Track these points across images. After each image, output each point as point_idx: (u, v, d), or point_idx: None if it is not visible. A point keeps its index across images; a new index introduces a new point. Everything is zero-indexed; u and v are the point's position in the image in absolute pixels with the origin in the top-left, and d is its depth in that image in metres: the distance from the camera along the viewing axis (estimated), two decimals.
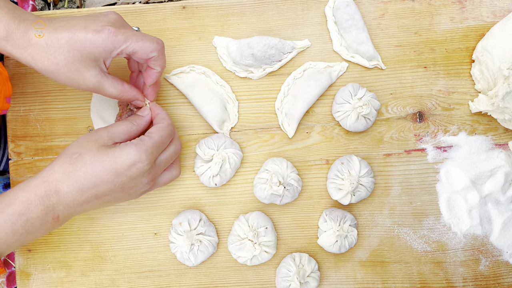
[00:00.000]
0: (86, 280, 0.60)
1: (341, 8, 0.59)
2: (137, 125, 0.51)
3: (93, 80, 0.48)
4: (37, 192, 0.45)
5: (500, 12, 0.61)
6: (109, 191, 0.47)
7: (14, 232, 0.45)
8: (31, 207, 0.45)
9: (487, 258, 0.60)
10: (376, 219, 0.60)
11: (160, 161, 0.51)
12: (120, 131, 0.49)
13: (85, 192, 0.46)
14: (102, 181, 0.46)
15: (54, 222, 0.46)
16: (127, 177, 0.47)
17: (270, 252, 0.57)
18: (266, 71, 0.60)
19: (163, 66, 0.51)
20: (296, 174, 0.58)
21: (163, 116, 0.52)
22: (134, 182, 0.48)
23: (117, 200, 0.49)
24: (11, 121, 0.60)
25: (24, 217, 0.45)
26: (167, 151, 0.52)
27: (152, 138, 0.48)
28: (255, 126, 0.60)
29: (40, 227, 0.46)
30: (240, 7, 0.61)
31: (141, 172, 0.47)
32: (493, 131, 0.61)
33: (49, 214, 0.45)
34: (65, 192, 0.45)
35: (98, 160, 0.46)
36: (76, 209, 0.47)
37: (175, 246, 0.57)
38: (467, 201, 0.59)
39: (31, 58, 0.46)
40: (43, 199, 0.45)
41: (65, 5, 0.78)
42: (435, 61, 0.61)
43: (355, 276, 0.60)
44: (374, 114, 0.58)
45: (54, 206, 0.45)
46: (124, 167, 0.46)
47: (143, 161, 0.47)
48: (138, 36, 0.48)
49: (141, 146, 0.47)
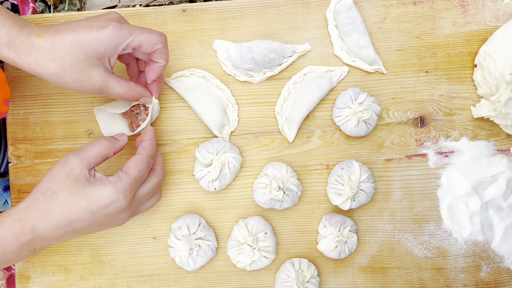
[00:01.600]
0: (85, 284, 0.60)
1: (342, 12, 0.59)
2: (110, 147, 0.49)
3: (99, 79, 0.48)
4: (12, 229, 0.45)
5: (503, 17, 0.60)
6: (85, 228, 0.47)
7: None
8: (7, 243, 0.45)
9: (488, 265, 0.60)
10: (376, 225, 0.60)
11: (140, 195, 0.49)
12: (92, 155, 0.47)
13: (61, 229, 0.46)
14: (78, 219, 0.46)
15: (31, 253, 0.46)
16: (103, 215, 0.46)
17: (270, 257, 0.57)
18: (266, 75, 0.60)
19: (167, 59, 0.51)
20: (296, 179, 0.58)
21: (145, 145, 0.51)
22: (111, 219, 0.47)
23: (95, 231, 0.49)
24: (11, 124, 0.60)
25: (0, 252, 0.45)
26: (148, 183, 0.50)
27: (130, 175, 0.47)
28: (255, 130, 0.60)
29: (16, 258, 0.46)
30: (241, 10, 0.60)
31: (119, 210, 0.47)
32: (495, 136, 0.60)
33: (25, 248, 0.45)
34: (41, 229, 0.45)
35: (74, 200, 0.45)
36: (52, 242, 0.47)
37: (174, 250, 0.57)
38: (469, 207, 0.59)
39: (35, 62, 0.46)
40: (18, 236, 0.45)
41: (66, 8, 0.78)
42: (437, 66, 0.60)
43: (355, 282, 0.60)
44: (375, 119, 0.58)
45: (30, 241, 0.45)
46: (101, 207, 0.45)
47: (120, 201, 0.46)
48: (141, 29, 0.48)
49: (118, 185, 0.46)
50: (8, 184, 0.68)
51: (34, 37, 0.45)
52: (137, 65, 0.56)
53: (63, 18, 0.60)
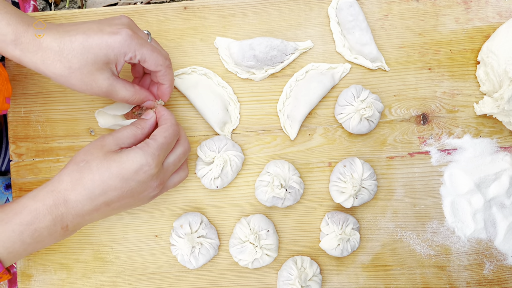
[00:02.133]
0: (87, 282, 0.60)
1: (344, 9, 0.58)
2: (142, 129, 0.50)
3: (106, 83, 0.47)
4: (45, 202, 0.45)
5: (506, 13, 0.60)
6: (118, 198, 0.46)
7: (22, 241, 0.44)
8: (40, 217, 0.44)
9: (491, 263, 0.59)
10: (379, 223, 0.60)
11: (168, 164, 0.50)
12: (125, 135, 0.49)
13: (94, 200, 0.45)
14: (110, 187, 0.45)
15: (63, 231, 0.46)
16: (135, 182, 0.46)
17: (272, 255, 0.57)
18: (268, 72, 0.59)
19: (170, 81, 0.52)
20: (298, 177, 0.57)
21: (166, 116, 0.51)
22: (143, 187, 0.47)
23: (127, 207, 0.49)
24: (12, 122, 0.60)
25: (32, 227, 0.44)
26: (175, 153, 0.51)
27: (157, 140, 0.48)
28: (257, 128, 0.60)
29: (49, 236, 0.45)
30: (242, 7, 0.60)
31: (149, 176, 0.47)
32: (498, 133, 0.60)
33: (58, 224, 0.45)
34: (73, 201, 0.45)
35: (105, 167, 0.45)
36: (85, 218, 0.46)
37: (176, 248, 0.57)
38: (471, 204, 0.59)
39: (41, 62, 0.45)
40: (52, 209, 0.45)
41: (66, 5, 0.78)
42: (439, 63, 0.60)
43: (357, 280, 0.60)
44: (377, 116, 0.57)
45: (63, 215, 0.45)
46: (131, 172, 0.46)
47: (150, 164, 0.46)
48: (152, 46, 0.49)
49: (146, 149, 0.46)
50: (9, 183, 0.68)
51: (42, 38, 0.45)
52: (143, 67, 0.56)
53: (64, 16, 0.60)
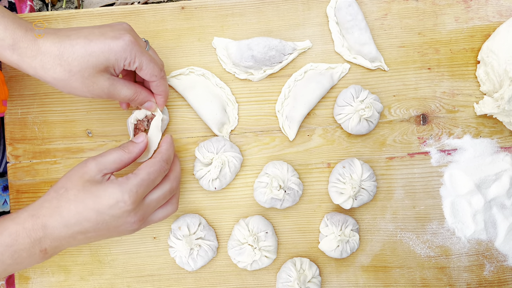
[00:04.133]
0: (85, 284, 0.59)
1: (343, 8, 0.58)
2: (129, 153, 0.49)
3: (107, 83, 0.47)
4: (25, 225, 0.45)
5: (506, 12, 0.59)
6: (93, 229, 0.46)
7: (2, 262, 0.45)
8: (19, 239, 0.45)
9: (492, 264, 0.59)
10: (378, 224, 0.59)
11: (150, 200, 0.48)
12: (109, 160, 0.47)
13: (70, 228, 0.45)
14: (85, 218, 0.45)
15: (43, 254, 0.46)
16: (109, 216, 0.45)
17: (271, 257, 0.57)
18: (267, 72, 0.59)
19: (165, 91, 0.52)
20: (297, 178, 0.57)
21: (161, 150, 0.50)
22: (118, 222, 0.46)
23: (106, 237, 0.48)
24: (9, 124, 0.60)
25: (12, 249, 0.45)
26: (160, 189, 0.49)
27: (138, 176, 0.46)
28: (255, 128, 0.60)
29: (28, 258, 0.46)
30: (240, 7, 0.60)
31: (125, 212, 0.45)
32: (498, 134, 0.59)
33: (36, 247, 0.45)
34: (51, 227, 0.45)
35: (81, 198, 0.45)
36: (63, 243, 0.46)
37: (174, 250, 0.57)
38: (472, 205, 0.58)
39: (40, 66, 0.45)
40: (30, 232, 0.45)
41: (63, 6, 0.77)
42: (439, 62, 0.60)
43: (357, 281, 0.59)
44: (377, 117, 0.57)
45: (41, 239, 0.45)
46: (106, 206, 0.45)
47: (125, 201, 0.45)
48: (150, 56, 0.49)
49: (124, 185, 0.45)
50: (7, 184, 0.67)
51: (41, 41, 0.45)
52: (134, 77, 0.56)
53: (61, 16, 0.60)
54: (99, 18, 0.60)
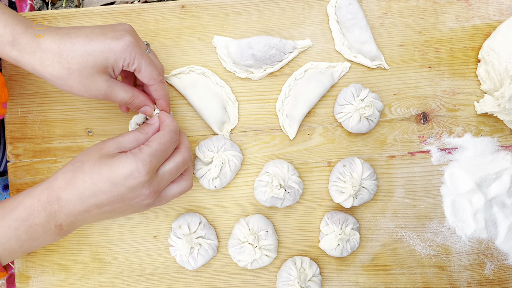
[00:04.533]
0: (86, 283, 0.59)
1: (344, 7, 0.58)
2: (145, 133, 0.49)
3: (105, 85, 0.47)
4: (40, 198, 0.45)
5: (507, 11, 0.59)
6: (108, 201, 0.46)
7: (17, 237, 0.44)
8: (34, 213, 0.44)
9: (492, 262, 0.59)
10: (379, 222, 0.59)
11: (163, 172, 0.48)
12: (127, 140, 0.48)
13: (85, 201, 0.45)
14: (100, 190, 0.45)
15: (58, 230, 0.46)
16: (124, 187, 0.45)
17: (271, 255, 0.57)
18: (267, 71, 0.59)
19: (165, 95, 0.52)
20: (297, 177, 0.57)
21: (166, 122, 0.50)
22: (133, 193, 0.46)
23: (121, 212, 0.48)
24: (9, 123, 0.60)
25: (27, 223, 0.44)
26: (172, 161, 0.49)
27: (150, 146, 0.46)
28: (256, 127, 0.59)
29: (43, 234, 0.45)
30: (240, 6, 0.60)
31: (139, 183, 0.45)
32: (499, 132, 0.59)
33: (51, 222, 0.45)
34: (65, 199, 0.45)
35: (97, 169, 0.45)
36: (78, 218, 0.46)
37: (175, 249, 0.57)
38: (472, 204, 0.58)
39: (39, 63, 0.45)
40: (45, 205, 0.45)
41: (63, 5, 0.77)
42: (440, 61, 0.59)
43: (357, 280, 0.59)
44: (377, 116, 0.57)
45: (56, 213, 0.45)
46: (121, 177, 0.45)
47: (139, 171, 0.45)
48: (150, 59, 0.49)
49: (138, 155, 0.45)
50: (7, 183, 0.67)
51: (41, 38, 0.45)
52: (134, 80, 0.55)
53: (61, 15, 0.60)
54: (99, 17, 0.60)
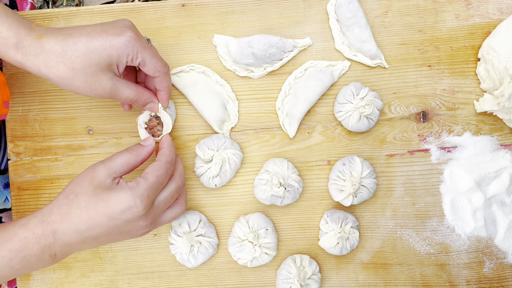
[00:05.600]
0: (86, 281, 0.60)
1: (344, 6, 0.58)
2: (136, 156, 0.49)
3: (110, 83, 0.47)
4: (34, 231, 0.45)
5: (507, 9, 0.59)
6: (104, 234, 0.46)
7: (10, 267, 0.45)
8: (29, 245, 0.45)
9: (492, 261, 0.59)
10: (378, 221, 0.59)
11: (159, 202, 0.48)
12: (118, 164, 0.48)
13: (81, 234, 0.45)
14: (97, 224, 0.45)
15: (52, 259, 0.46)
16: (121, 221, 0.45)
17: (271, 253, 0.57)
18: (267, 70, 0.59)
19: (168, 87, 0.52)
20: (297, 175, 0.57)
21: (164, 152, 0.50)
22: (130, 226, 0.46)
23: (116, 240, 0.48)
24: (9, 121, 0.60)
25: (21, 254, 0.45)
26: (167, 190, 0.49)
27: (148, 180, 0.46)
28: (256, 126, 0.60)
29: (37, 263, 0.46)
30: (241, 4, 0.60)
31: (137, 217, 0.46)
32: (498, 131, 0.59)
33: (46, 253, 0.45)
34: (61, 233, 0.45)
35: (93, 203, 0.45)
36: (73, 247, 0.47)
37: (175, 247, 0.57)
38: (472, 202, 0.58)
39: (44, 64, 0.45)
40: (40, 238, 0.45)
41: (64, 3, 0.77)
42: (439, 60, 0.60)
43: (356, 278, 0.59)
44: (377, 114, 0.57)
45: (51, 245, 0.45)
46: (118, 212, 0.45)
47: (137, 206, 0.45)
48: (153, 51, 0.49)
49: (135, 190, 0.45)
50: (8, 182, 0.68)
51: (44, 40, 0.45)
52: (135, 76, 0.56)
53: (62, 14, 0.60)
54: (99, 16, 0.60)
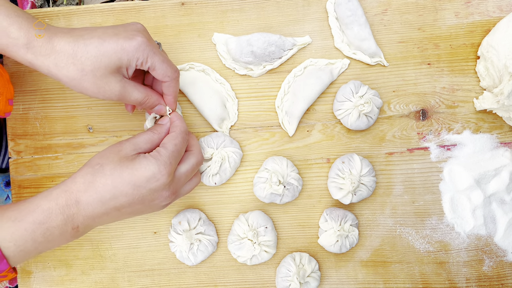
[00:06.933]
0: (86, 279, 0.60)
1: (343, 4, 0.58)
2: (158, 133, 0.50)
3: (119, 85, 0.47)
4: (58, 201, 0.45)
5: (507, 7, 0.59)
6: (128, 204, 0.46)
7: (33, 240, 0.45)
8: (52, 216, 0.44)
9: (491, 259, 0.59)
10: (377, 219, 0.59)
11: (180, 174, 0.49)
12: (142, 140, 0.49)
13: (105, 203, 0.45)
14: (121, 193, 0.45)
15: (74, 232, 0.46)
16: (146, 189, 0.46)
17: (270, 251, 0.57)
18: (266, 68, 0.59)
19: (175, 92, 0.52)
20: (297, 173, 0.57)
21: (176, 123, 0.51)
22: (154, 195, 0.47)
23: (138, 213, 0.48)
24: (10, 119, 0.60)
25: (44, 226, 0.44)
26: (188, 163, 0.50)
27: (167, 149, 0.47)
28: (255, 124, 0.60)
29: (60, 236, 0.46)
30: (240, 3, 0.60)
31: (161, 185, 0.46)
32: (498, 129, 0.59)
33: (69, 224, 0.45)
34: (85, 203, 0.45)
35: (118, 172, 0.45)
36: (96, 220, 0.47)
37: (175, 245, 0.57)
38: (471, 200, 0.58)
39: (54, 65, 0.45)
40: (64, 209, 0.45)
41: (64, 2, 0.78)
42: (439, 58, 0.59)
43: (356, 276, 0.60)
44: (376, 112, 0.57)
45: (74, 216, 0.45)
46: (143, 179, 0.45)
47: (162, 173, 0.46)
48: (163, 56, 0.49)
49: (159, 158, 0.46)
50: (9, 180, 0.68)
51: (55, 40, 0.45)
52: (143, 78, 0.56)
53: (62, 13, 0.60)
54: (99, 14, 0.60)
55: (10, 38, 0.45)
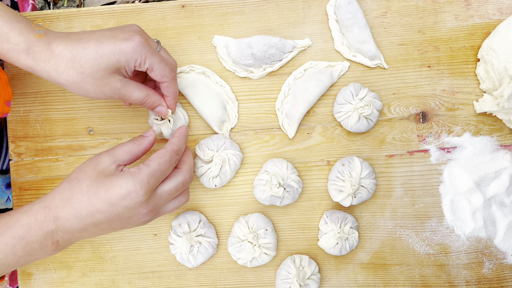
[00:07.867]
0: (87, 281, 0.60)
1: (343, 6, 0.58)
2: (138, 145, 0.49)
3: (119, 84, 0.48)
4: (37, 217, 0.45)
5: (507, 10, 0.59)
6: (105, 220, 0.46)
7: (14, 254, 0.45)
8: (31, 232, 0.45)
9: (491, 261, 0.59)
10: (377, 221, 0.60)
11: (162, 191, 0.48)
12: (121, 152, 0.48)
13: (82, 220, 0.45)
14: (97, 210, 0.45)
15: (55, 246, 0.46)
16: (121, 207, 0.45)
17: (270, 254, 0.57)
18: (266, 70, 0.59)
19: (175, 93, 0.52)
20: (297, 176, 0.57)
21: (172, 141, 0.50)
22: (130, 213, 0.46)
23: (118, 228, 0.48)
24: (11, 121, 0.60)
25: (24, 241, 0.45)
26: (173, 181, 0.49)
27: (150, 167, 0.46)
28: (255, 126, 0.60)
29: (40, 250, 0.46)
30: (240, 5, 0.60)
31: (137, 203, 0.45)
32: (498, 132, 0.59)
33: (48, 239, 0.45)
34: (63, 218, 0.45)
35: (94, 188, 0.45)
36: (75, 235, 0.47)
37: (175, 247, 0.57)
38: (471, 203, 0.58)
39: (54, 70, 0.46)
40: (42, 224, 0.45)
41: (65, 4, 0.78)
42: (439, 60, 0.60)
43: (356, 278, 0.60)
44: (376, 115, 0.57)
45: (53, 231, 0.45)
46: (118, 197, 0.45)
47: (137, 191, 0.45)
48: (161, 57, 0.49)
49: (136, 176, 0.45)
50: (9, 182, 0.68)
51: (54, 45, 0.45)
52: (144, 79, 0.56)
53: (62, 15, 0.60)
54: (100, 17, 0.60)
55: (10, 44, 0.45)
